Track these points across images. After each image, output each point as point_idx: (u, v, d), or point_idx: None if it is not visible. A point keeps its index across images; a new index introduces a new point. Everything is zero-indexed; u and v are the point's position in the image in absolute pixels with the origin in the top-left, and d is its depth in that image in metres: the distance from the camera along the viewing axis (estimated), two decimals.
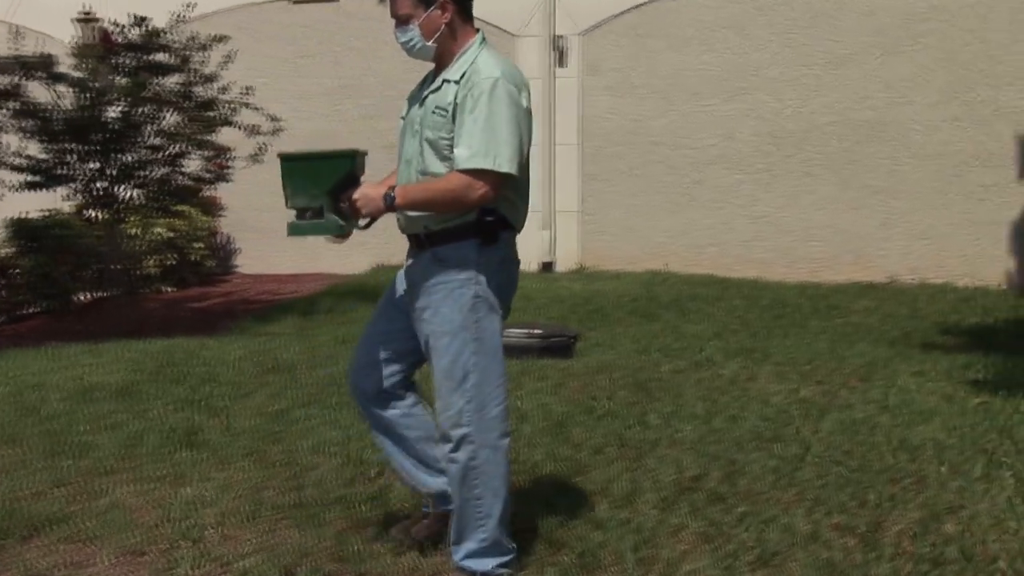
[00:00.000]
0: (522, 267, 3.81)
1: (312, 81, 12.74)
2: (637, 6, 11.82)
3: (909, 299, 9.99)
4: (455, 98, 3.48)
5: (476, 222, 3.54)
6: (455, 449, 3.57)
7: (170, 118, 9.78)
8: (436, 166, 3.54)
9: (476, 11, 3.67)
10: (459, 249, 3.55)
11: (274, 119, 9.81)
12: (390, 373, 3.79)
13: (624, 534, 4.00)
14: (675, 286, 10.66)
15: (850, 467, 4.75)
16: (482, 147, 3.43)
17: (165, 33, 9.62)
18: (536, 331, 7.50)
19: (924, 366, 6.91)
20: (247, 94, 9.83)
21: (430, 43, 3.57)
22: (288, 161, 3.63)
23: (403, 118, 3.73)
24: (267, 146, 9.71)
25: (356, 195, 3.54)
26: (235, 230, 13.07)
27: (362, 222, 3.66)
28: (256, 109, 9.78)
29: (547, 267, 12.10)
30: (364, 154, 3.70)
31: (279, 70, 12.69)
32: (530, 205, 3.75)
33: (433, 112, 3.53)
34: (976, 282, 10.73)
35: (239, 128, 9.78)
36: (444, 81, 3.55)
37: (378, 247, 12.27)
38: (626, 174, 12.04)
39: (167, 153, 9.84)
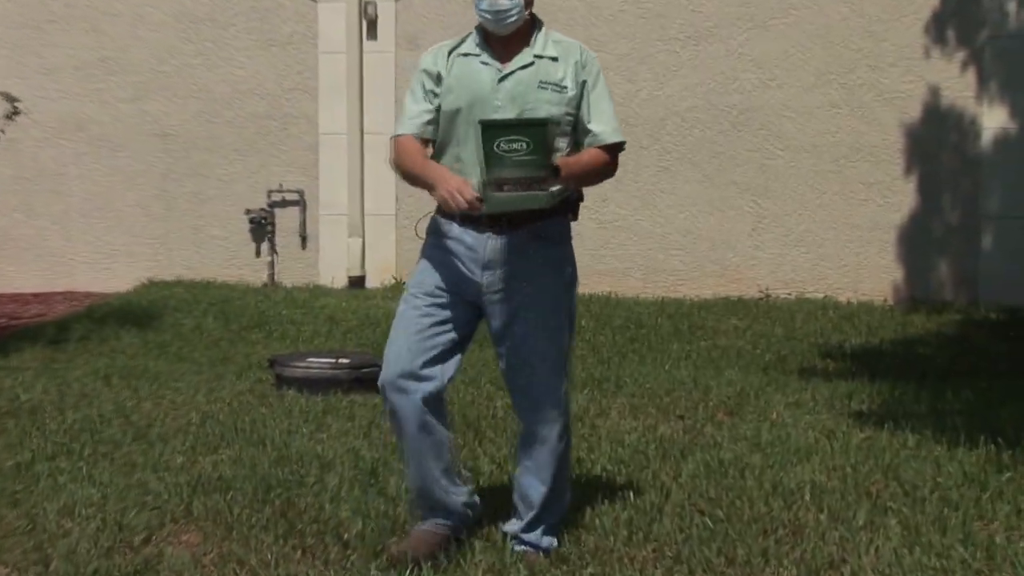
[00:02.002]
0: (326, 283, 3.84)
1: (63, 52, 12.37)
2: None
3: (784, 317, 10.27)
4: (574, 75, 4.19)
5: (571, 197, 4.26)
6: (560, 437, 4.29)
7: None
8: (558, 141, 4.18)
9: None
10: (559, 225, 4.29)
11: (12, 99, 9.54)
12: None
13: None
14: None
15: (716, 517, 4.85)
16: (613, 122, 4.26)
17: None
18: (344, 360, 7.46)
19: (802, 396, 7.13)
20: None
21: (527, 14, 4.18)
22: (543, 126, 3.96)
23: (429, 95, 4.27)
24: (2, 133, 9.42)
25: None
26: None
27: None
28: None
29: (357, 282, 11.90)
30: None
31: (19, 38, 12.30)
32: (334, 208, 3.81)
33: (540, 87, 4.17)
34: (860, 296, 11.10)
35: None
36: (536, 57, 4.20)
37: (146, 260, 12.05)
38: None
39: None
